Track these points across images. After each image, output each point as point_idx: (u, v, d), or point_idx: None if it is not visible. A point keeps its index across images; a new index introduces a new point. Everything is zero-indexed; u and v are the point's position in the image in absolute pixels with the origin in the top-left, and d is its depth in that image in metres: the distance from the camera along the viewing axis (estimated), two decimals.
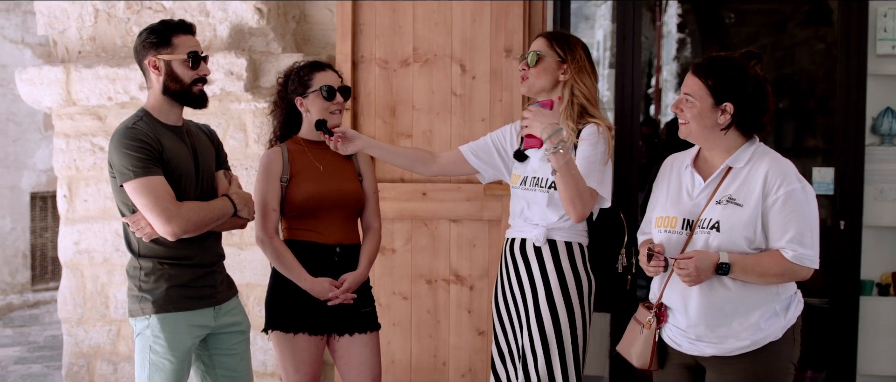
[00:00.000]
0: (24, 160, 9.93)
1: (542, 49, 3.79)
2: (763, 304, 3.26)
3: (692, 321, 3.31)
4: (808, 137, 8.60)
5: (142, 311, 3.58)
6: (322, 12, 5.64)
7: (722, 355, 3.30)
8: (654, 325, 3.42)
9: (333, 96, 4.00)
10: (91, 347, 5.70)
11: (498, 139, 4.02)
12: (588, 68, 3.78)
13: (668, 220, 3.39)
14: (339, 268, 4.01)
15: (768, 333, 3.27)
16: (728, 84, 3.26)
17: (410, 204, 5.27)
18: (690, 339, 3.35)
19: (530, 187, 3.79)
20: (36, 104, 5.69)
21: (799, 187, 3.22)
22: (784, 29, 9.60)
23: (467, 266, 5.27)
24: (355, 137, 3.97)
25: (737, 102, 3.26)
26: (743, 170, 3.29)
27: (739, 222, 3.22)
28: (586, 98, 3.76)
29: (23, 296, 9.92)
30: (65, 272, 5.75)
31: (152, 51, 3.58)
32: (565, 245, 3.76)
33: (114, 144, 3.49)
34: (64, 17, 5.64)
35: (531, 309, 3.75)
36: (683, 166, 3.46)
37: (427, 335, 5.34)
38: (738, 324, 3.26)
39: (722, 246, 3.23)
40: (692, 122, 3.31)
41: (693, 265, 3.18)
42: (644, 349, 3.46)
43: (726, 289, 3.25)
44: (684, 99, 3.31)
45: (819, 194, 5.69)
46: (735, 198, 3.26)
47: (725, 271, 3.19)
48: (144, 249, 3.58)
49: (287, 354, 3.98)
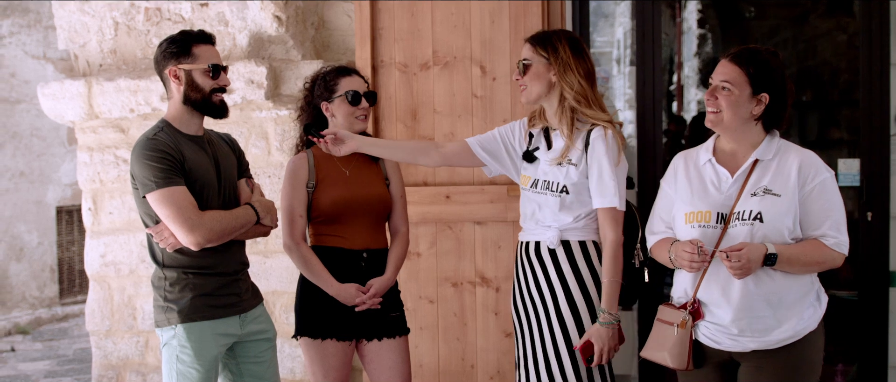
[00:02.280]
0: (49, 175, 10.00)
1: (528, 55, 3.74)
2: (804, 294, 3.29)
3: (737, 314, 3.29)
4: (832, 129, 8.56)
5: (168, 321, 3.59)
6: (341, 18, 5.64)
7: (763, 348, 3.29)
8: (690, 323, 3.40)
9: (359, 101, 4.01)
10: (120, 359, 5.72)
11: (506, 135, 3.96)
12: (573, 64, 3.67)
13: (701, 214, 3.37)
14: (366, 273, 4.01)
15: (808, 323, 3.29)
16: (766, 74, 3.28)
17: (434, 207, 5.26)
18: (732, 335, 3.33)
19: (541, 191, 3.75)
20: (59, 118, 5.72)
21: (829, 176, 3.27)
22: (805, 21, 9.54)
23: (493, 268, 5.26)
24: (348, 138, 3.90)
25: (772, 94, 3.27)
26: (772, 162, 3.30)
27: (780, 212, 3.24)
28: (576, 97, 3.67)
29: (51, 310, 9.99)
30: (92, 285, 5.77)
31: (173, 61, 3.59)
32: (580, 245, 3.73)
33: (135, 155, 3.51)
34: (84, 31, 5.67)
35: (552, 312, 3.72)
36: (701, 162, 3.45)
37: (454, 338, 5.33)
38: (784, 315, 3.27)
39: (767, 237, 3.24)
40: (727, 110, 3.30)
41: (746, 257, 3.16)
42: (680, 349, 3.41)
43: (772, 280, 3.25)
44: (721, 87, 3.30)
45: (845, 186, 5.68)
46: (772, 189, 3.26)
47: (773, 261, 3.19)
48: (168, 259, 3.59)
49: (316, 360, 3.98)
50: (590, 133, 3.67)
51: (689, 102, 14.64)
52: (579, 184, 3.67)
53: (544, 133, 3.81)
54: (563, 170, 3.68)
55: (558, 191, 3.69)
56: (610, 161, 3.63)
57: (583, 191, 3.68)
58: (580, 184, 3.67)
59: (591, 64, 3.75)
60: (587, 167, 3.66)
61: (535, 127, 3.87)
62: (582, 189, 3.68)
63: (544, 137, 3.80)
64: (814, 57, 9.36)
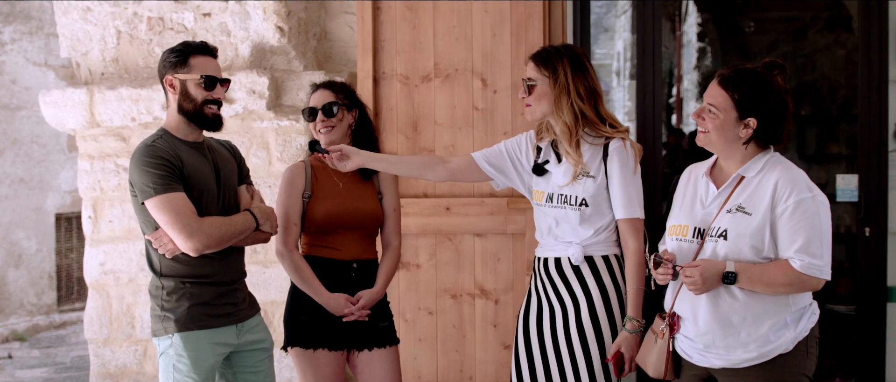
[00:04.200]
0: (49, 182, 10.00)
1: (532, 75, 3.72)
2: (772, 315, 3.22)
3: (701, 330, 3.29)
4: (830, 144, 8.59)
5: (165, 330, 3.59)
6: (343, 30, 5.66)
7: (730, 366, 3.27)
8: (668, 334, 3.41)
9: (313, 117, 4.04)
10: (118, 367, 5.72)
11: (512, 148, 3.94)
12: (572, 86, 3.65)
13: (680, 228, 3.38)
14: (355, 284, 4.02)
15: (777, 345, 3.22)
16: (753, 99, 3.23)
17: (434, 219, 5.27)
18: (699, 350, 3.33)
19: (558, 205, 3.72)
20: (60, 126, 5.73)
21: (809, 196, 3.18)
22: (804, 36, 9.59)
23: (492, 280, 5.27)
24: (354, 154, 3.85)
25: (760, 118, 3.24)
26: (754, 179, 3.27)
27: (747, 231, 3.20)
28: (573, 120, 3.66)
29: (49, 317, 9.97)
30: (91, 293, 5.78)
31: (171, 70, 3.61)
32: (603, 259, 3.72)
33: (134, 162, 3.51)
34: (87, 40, 5.68)
35: (573, 327, 3.69)
36: (700, 176, 3.46)
37: (453, 349, 5.33)
38: (747, 335, 3.23)
39: (729, 254, 3.21)
40: (713, 132, 3.29)
41: (698, 274, 3.17)
42: (659, 359, 3.43)
43: (734, 299, 3.23)
44: (707, 109, 3.30)
45: (843, 202, 5.70)
46: (744, 207, 3.24)
47: (732, 280, 3.17)
48: (166, 268, 3.59)
49: (308, 370, 3.99)
50: (608, 145, 3.68)
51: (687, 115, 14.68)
52: (598, 196, 3.66)
53: (553, 146, 3.79)
54: (581, 183, 3.67)
55: (577, 205, 3.67)
56: (630, 172, 3.64)
57: (602, 203, 3.67)
58: (599, 196, 3.66)
59: (593, 80, 3.72)
60: (606, 179, 3.66)
61: (543, 140, 3.84)
62: (601, 201, 3.67)
63: (553, 151, 3.78)
64: (812, 72, 9.40)
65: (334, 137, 4.01)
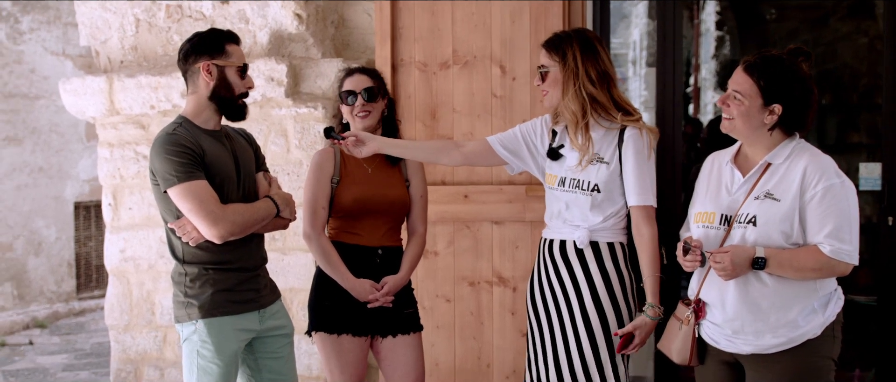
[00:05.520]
0: (68, 170, 10.05)
1: (545, 62, 3.73)
2: (801, 300, 3.24)
3: (729, 316, 3.30)
4: (852, 133, 8.53)
5: (188, 316, 3.60)
6: (361, 17, 5.65)
7: (759, 352, 3.28)
8: (693, 321, 3.42)
9: (352, 101, 4.04)
10: (138, 353, 5.75)
11: (527, 132, 3.93)
12: (581, 71, 3.64)
13: (707, 215, 3.39)
14: (380, 270, 4.03)
15: (806, 330, 3.24)
16: (779, 86, 3.24)
17: (452, 206, 5.26)
18: (727, 336, 3.34)
19: (570, 189, 3.73)
20: (80, 114, 5.74)
21: (838, 182, 3.20)
22: (826, 24, 9.51)
23: (510, 268, 5.26)
24: (369, 139, 3.85)
25: (785, 104, 3.24)
26: (782, 166, 3.28)
27: (776, 217, 3.21)
28: (581, 107, 3.66)
29: (68, 304, 10.04)
30: (111, 280, 5.80)
31: (206, 55, 3.59)
32: (607, 246, 3.73)
33: (155, 150, 3.52)
34: (106, 28, 5.69)
35: (577, 311, 3.71)
36: (724, 163, 3.45)
37: (471, 337, 5.33)
38: (776, 320, 3.24)
39: (758, 241, 3.22)
40: (738, 119, 3.29)
41: (728, 259, 3.18)
42: (683, 345, 3.45)
43: (763, 284, 3.24)
44: (733, 95, 3.29)
45: (866, 190, 5.66)
46: (773, 193, 3.25)
47: (761, 265, 3.18)
48: (189, 255, 3.60)
49: (332, 355, 3.99)
50: (623, 132, 3.67)
51: (705, 104, 14.60)
52: (611, 183, 3.66)
53: (568, 130, 3.80)
54: (595, 168, 3.67)
55: (589, 190, 3.67)
56: (644, 159, 3.64)
57: (614, 189, 3.67)
58: (611, 183, 3.66)
59: (605, 64, 3.70)
60: (620, 166, 3.66)
61: (559, 124, 3.83)
62: (613, 188, 3.67)
63: (568, 135, 3.79)
64: (834, 60, 9.33)
65: (370, 122, 4.03)
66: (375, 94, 4.04)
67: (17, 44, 9.55)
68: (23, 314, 9.50)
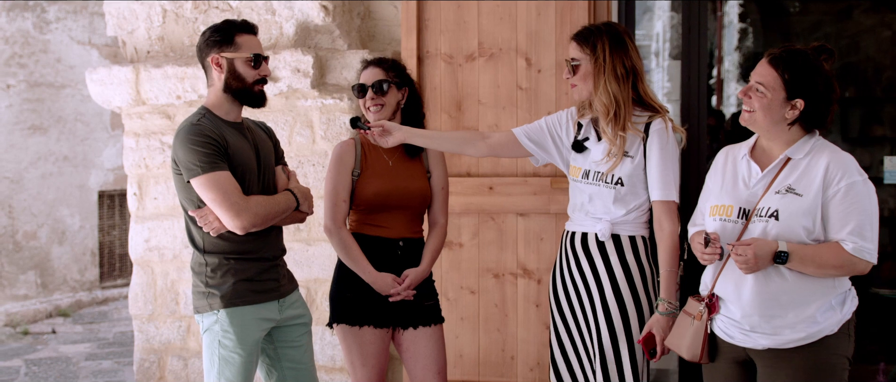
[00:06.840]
0: (92, 159, 10.09)
1: (575, 55, 3.73)
2: (820, 297, 3.23)
3: (746, 311, 3.28)
4: (875, 127, 8.48)
5: (209, 306, 3.62)
6: (387, 9, 5.66)
7: (776, 347, 3.26)
8: (706, 316, 3.40)
9: (363, 94, 4.05)
10: (162, 343, 5.79)
11: (553, 125, 3.94)
12: (609, 66, 3.65)
13: (724, 208, 3.37)
14: (402, 262, 4.04)
15: (823, 327, 3.23)
16: (802, 80, 3.22)
17: (477, 198, 5.27)
18: (744, 330, 3.32)
19: (594, 182, 3.74)
20: (106, 104, 5.78)
21: (860, 179, 3.20)
22: (849, 17, 9.45)
23: (535, 260, 5.26)
24: (395, 129, 3.87)
25: (808, 99, 3.23)
26: (802, 161, 3.27)
27: (798, 212, 3.20)
28: (610, 102, 3.65)
29: (92, 293, 10.09)
30: (135, 270, 5.83)
31: (216, 49, 3.62)
32: (629, 239, 3.73)
33: (179, 140, 3.55)
34: (133, 18, 5.72)
35: (598, 304, 3.72)
36: (740, 157, 3.45)
37: (495, 329, 5.34)
38: (794, 316, 3.23)
39: (780, 235, 3.21)
40: (759, 112, 3.28)
41: (751, 252, 3.16)
42: (694, 341, 3.43)
43: (783, 279, 3.23)
44: (755, 87, 3.28)
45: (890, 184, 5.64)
46: (795, 188, 3.24)
47: (784, 259, 3.16)
48: (210, 245, 3.63)
49: (353, 347, 4.01)
50: (649, 126, 3.67)
51: (728, 96, 14.54)
52: (635, 176, 3.67)
53: (594, 124, 3.80)
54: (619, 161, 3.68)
55: (613, 183, 3.68)
56: (669, 154, 3.64)
57: (638, 183, 3.68)
58: (635, 176, 3.67)
59: (633, 58, 3.70)
60: (644, 160, 3.66)
61: (585, 117, 3.84)
62: (637, 181, 3.68)
63: (594, 128, 3.79)
64: (857, 53, 9.28)
65: (384, 115, 4.02)
66: (384, 87, 4.03)
67: (44, 33, 9.59)
68: (46, 303, 9.56)
